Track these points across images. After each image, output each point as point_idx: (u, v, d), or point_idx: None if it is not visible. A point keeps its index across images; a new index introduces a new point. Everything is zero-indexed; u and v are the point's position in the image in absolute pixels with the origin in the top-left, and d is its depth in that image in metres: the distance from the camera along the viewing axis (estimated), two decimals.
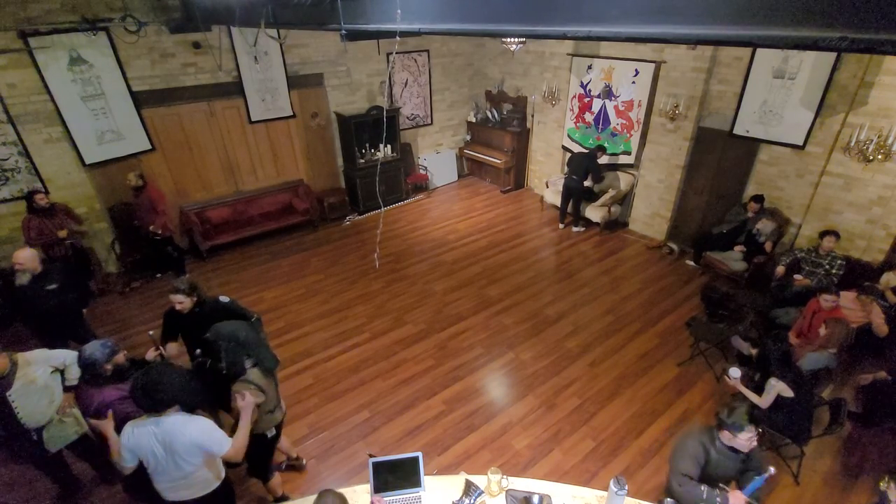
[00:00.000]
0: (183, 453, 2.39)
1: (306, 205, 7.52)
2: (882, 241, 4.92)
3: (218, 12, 4.38)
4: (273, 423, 2.98)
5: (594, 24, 1.41)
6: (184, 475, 2.47)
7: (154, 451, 2.37)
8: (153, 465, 2.41)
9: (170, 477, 2.46)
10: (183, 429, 2.37)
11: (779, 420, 3.51)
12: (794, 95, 5.20)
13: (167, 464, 2.41)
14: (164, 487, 2.51)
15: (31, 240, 5.15)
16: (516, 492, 2.53)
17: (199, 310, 3.38)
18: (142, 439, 2.36)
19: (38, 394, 2.99)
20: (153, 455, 2.38)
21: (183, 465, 2.43)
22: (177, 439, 2.36)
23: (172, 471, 2.43)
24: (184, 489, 2.53)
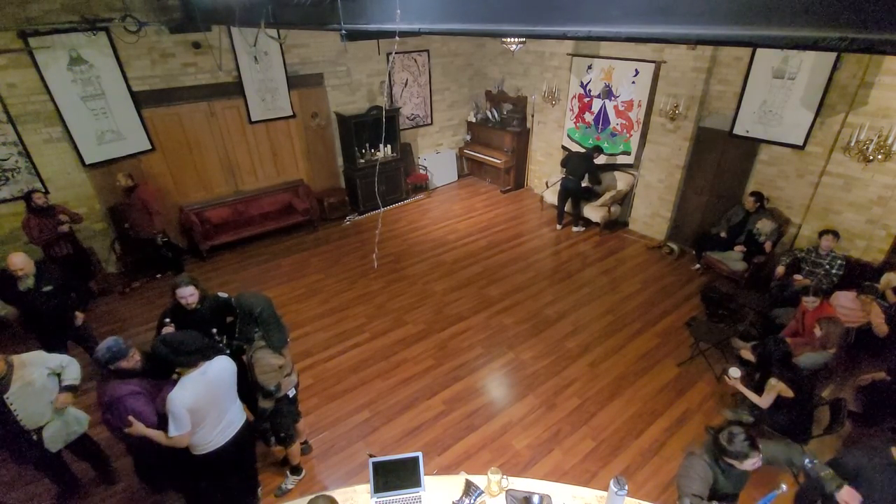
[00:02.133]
0: (233, 384, 2.81)
1: (306, 205, 7.52)
2: (882, 241, 4.92)
3: (218, 12, 4.38)
4: (291, 384, 3.29)
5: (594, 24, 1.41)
6: (227, 410, 2.80)
7: (213, 395, 2.66)
8: (209, 409, 2.66)
9: (224, 416, 2.77)
10: (224, 365, 2.76)
11: (779, 420, 3.52)
12: (794, 95, 5.20)
13: (225, 401, 2.76)
14: (216, 434, 2.75)
15: (35, 239, 5.16)
16: (516, 492, 2.53)
17: (200, 306, 3.37)
18: (201, 390, 2.58)
19: (36, 395, 2.99)
20: (212, 399, 2.66)
21: (231, 394, 2.82)
22: (228, 374, 2.76)
23: (228, 406, 2.79)
24: (234, 422, 2.85)
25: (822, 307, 4.07)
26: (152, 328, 5.38)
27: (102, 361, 2.70)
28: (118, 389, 2.66)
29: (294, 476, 3.63)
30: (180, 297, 3.26)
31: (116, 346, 2.73)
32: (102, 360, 2.70)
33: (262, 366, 2.94)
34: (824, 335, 3.85)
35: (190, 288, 3.28)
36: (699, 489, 2.36)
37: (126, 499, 3.53)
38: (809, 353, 3.97)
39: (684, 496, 2.33)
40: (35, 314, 4.03)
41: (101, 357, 2.69)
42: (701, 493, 2.35)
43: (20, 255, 3.90)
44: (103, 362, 2.70)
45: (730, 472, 2.44)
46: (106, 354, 2.70)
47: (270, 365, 2.95)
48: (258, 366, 2.94)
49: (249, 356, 2.98)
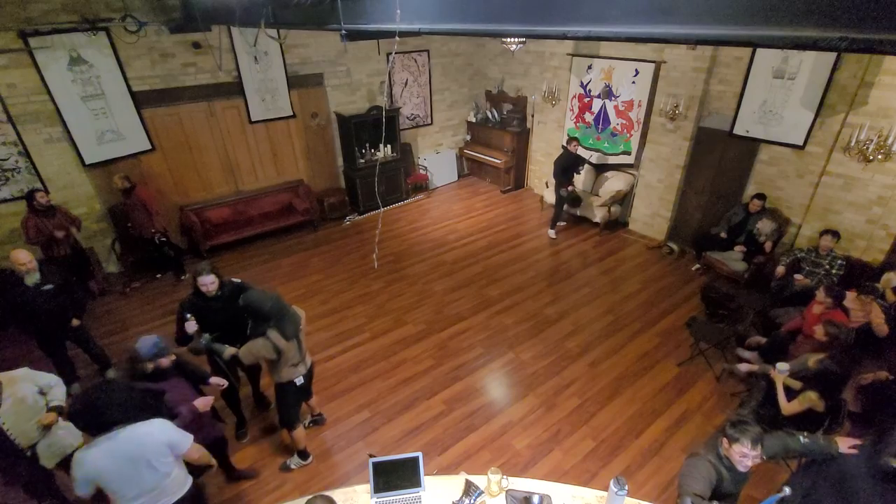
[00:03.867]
0: (154, 457, 2.32)
1: (306, 205, 7.52)
2: (882, 241, 4.92)
3: (218, 12, 4.38)
4: (298, 374, 3.37)
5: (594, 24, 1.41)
6: (158, 482, 2.38)
7: (119, 468, 2.24)
8: (118, 485, 2.28)
9: (142, 490, 2.34)
10: (148, 431, 2.31)
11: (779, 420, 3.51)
12: (794, 95, 5.20)
13: (139, 476, 2.30)
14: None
15: (31, 239, 5.15)
16: (516, 492, 2.53)
17: (220, 292, 3.49)
18: (101, 461, 2.20)
19: (27, 412, 2.90)
20: (118, 474, 2.25)
21: (159, 469, 2.35)
22: (145, 445, 2.29)
23: (146, 481, 2.33)
24: (158, 498, 2.42)
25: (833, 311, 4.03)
26: (152, 328, 5.44)
27: (144, 358, 2.68)
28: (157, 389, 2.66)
29: (300, 459, 3.75)
30: (202, 285, 3.39)
31: (161, 345, 2.74)
32: (144, 357, 2.68)
33: (252, 347, 3.10)
34: (829, 339, 3.78)
35: (211, 276, 3.41)
36: (701, 489, 2.36)
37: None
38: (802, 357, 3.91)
39: (686, 495, 2.33)
40: (34, 314, 4.02)
41: (143, 353, 2.66)
42: (703, 493, 2.35)
43: (23, 251, 3.92)
44: (145, 359, 2.68)
45: (734, 470, 2.44)
46: (153, 350, 2.70)
47: (258, 352, 3.12)
48: (250, 344, 3.10)
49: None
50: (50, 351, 4.40)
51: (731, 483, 2.46)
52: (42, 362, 4.71)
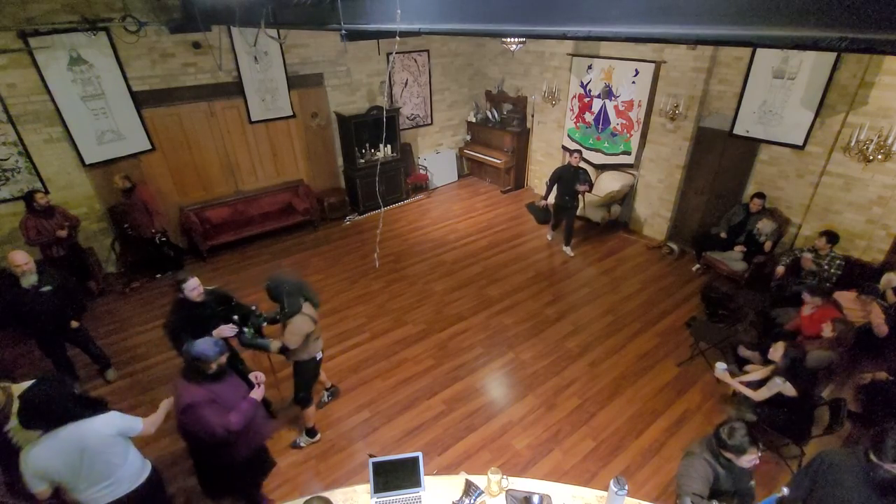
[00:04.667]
0: (104, 449, 2.36)
1: (306, 205, 7.52)
2: (882, 241, 4.92)
3: (218, 12, 4.38)
4: (319, 349, 3.61)
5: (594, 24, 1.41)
6: (111, 472, 2.43)
7: (66, 463, 2.26)
8: (69, 478, 2.31)
9: (96, 482, 2.38)
10: (91, 427, 2.34)
11: (779, 420, 3.52)
12: (794, 95, 5.20)
13: (90, 470, 2.32)
14: (92, 497, 2.40)
15: (31, 239, 5.15)
16: (516, 492, 2.53)
17: (207, 298, 3.48)
18: (46, 458, 2.22)
19: None
20: (69, 468, 2.27)
21: (112, 460, 2.41)
22: (89, 439, 2.31)
23: (99, 474, 2.37)
24: (115, 487, 2.46)
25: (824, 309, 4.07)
26: (152, 328, 5.43)
27: (212, 359, 2.62)
28: (197, 395, 2.59)
29: (308, 437, 3.92)
30: (190, 290, 3.36)
31: (220, 343, 2.70)
32: (212, 358, 2.62)
33: (295, 328, 3.33)
34: (837, 336, 3.85)
35: (195, 280, 3.40)
36: (700, 488, 2.36)
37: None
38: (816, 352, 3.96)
39: (684, 495, 2.33)
40: (33, 315, 4.02)
41: (212, 355, 2.61)
42: (701, 493, 2.35)
43: (21, 252, 3.91)
44: (212, 360, 2.62)
45: (731, 468, 2.44)
46: (217, 350, 2.65)
47: (301, 330, 3.36)
48: (293, 326, 3.32)
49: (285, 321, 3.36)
50: (49, 351, 4.40)
51: (727, 481, 2.46)
52: (42, 363, 4.73)
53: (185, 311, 3.41)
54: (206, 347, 2.64)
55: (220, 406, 2.66)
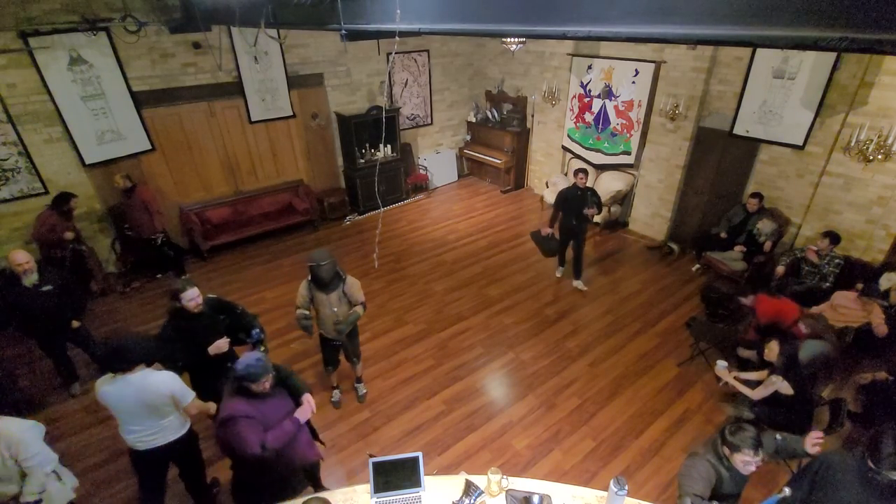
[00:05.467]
0: (156, 402, 2.76)
1: (306, 205, 7.52)
2: (882, 241, 4.92)
3: (218, 12, 4.38)
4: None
5: (594, 24, 1.41)
6: (156, 422, 2.82)
7: (127, 406, 2.71)
8: (126, 418, 2.76)
9: (143, 426, 2.80)
10: (154, 380, 2.75)
11: (779, 419, 3.52)
12: (794, 95, 5.20)
13: (141, 415, 2.76)
14: (135, 438, 2.83)
15: (40, 234, 5.21)
16: (516, 492, 2.53)
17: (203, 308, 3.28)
18: (113, 395, 2.68)
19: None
20: (126, 410, 2.72)
21: (159, 414, 2.81)
22: (150, 392, 2.72)
23: (147, 419, 2.79)
24: (158, 435, 2.86)
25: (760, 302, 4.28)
26: (152, 328, 5.43)
27: (245, 378, 2.49)
28: (237, 409, 2.49)
29: (361, 384, 4.46)
30: (188, 301, 3.13)
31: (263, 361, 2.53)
32: (246, 377, 2.49)
33: (358, 284, 3.81)
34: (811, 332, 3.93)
35: (195, 290, 3.18)
36: (701, 489, 2.36)
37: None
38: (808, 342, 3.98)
39: (685, 496, 2.33)
40: (33, 315, 4.02)
41: (244, 374, 2.48)
42: (702, 494, 2.35)
43: (22, 251, 3.91)
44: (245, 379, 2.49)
45: (733, 471, 2.44)
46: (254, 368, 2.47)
47: (360, 296, 3.80)
48: (355, 283, 3.79)
49: (342, 287, 3.72)
50: (50, 351, 4.41)
51: (730, 483, 2.46)
52: (42, 362, 4.74)
53: (180, 322, 3.20)
54: (252, 366, 2.47)
55: (260, 422, 2.53)
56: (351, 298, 3.80)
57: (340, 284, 3.73)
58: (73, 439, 4.05)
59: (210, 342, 3.28)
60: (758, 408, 3.64)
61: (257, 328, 3.48)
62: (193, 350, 3.23)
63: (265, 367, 2.51)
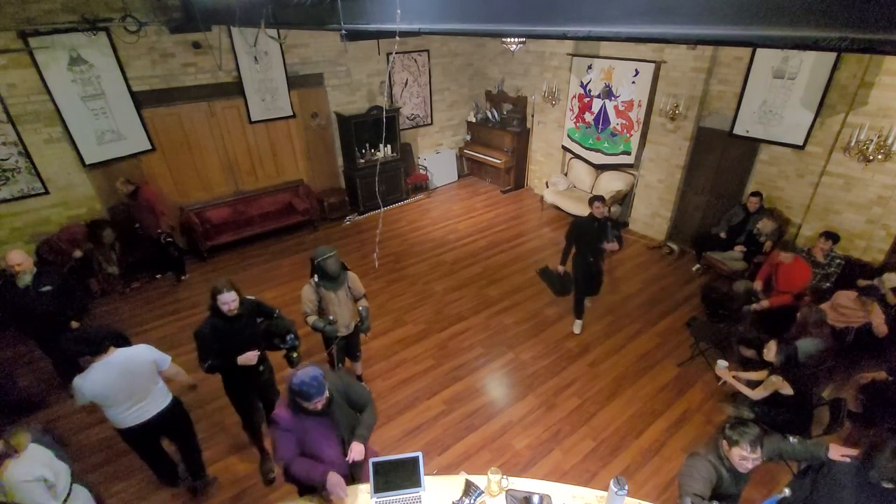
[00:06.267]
0: (143, 371, 2.98)
1: (306, 205, 7.52)
2: (882, 241, 4.92)
3: (218, 12, 4.38)
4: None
5: (594, 24, 1.41)
6: (146, 394, 3.03)
7: (116, 386, 2.85)
8: (115, 399, 2.89)
9: (131, 401, 2.96)
10: (133, 351, 2.98)
11: (777, 418, 3.52)
12: (794, 95, 5.20)
13: (133, 385, 2.94)
14: (126, 416, 2.98)
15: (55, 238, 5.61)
16: (516, 492, 2.53)
17: (241, 311, 3.18)
18: (101, 380, 2.80)
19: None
20: (115, 391, 2.87)
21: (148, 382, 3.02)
22: (134, 361, 2.94)
23: (139, 389, 2.98)
24: (148, 407, 3.06)
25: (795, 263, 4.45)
26: (152, 328, 5.44)
27: (298, 394, 2.34)
28: (283, 418, 2.44)
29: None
30: (224, 304, 3.06)
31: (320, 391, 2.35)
32: (300, 394, 2.34)
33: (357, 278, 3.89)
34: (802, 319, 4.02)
35: (233, 293, 3.08)
36: (701, 489, 2.36)
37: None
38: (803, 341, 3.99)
39: (685, 495, 2.33)
40: (32, 315, 4.01)
41: (299, 390, 2.33)
42: (703, 493, 2.35)
43: (18, 252, 3.88)
44: (299, 395, 2.35)
45: (734, 470, 2.44)
46: (307, 387, 2.31)
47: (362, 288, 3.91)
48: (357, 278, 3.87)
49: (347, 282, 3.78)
50: (49, 351, 4.40)
51: (731, 483, 2.46)
52: (42, 362, 4.74)
53: (217, 322, 3.15)
54: (307, 384, 2.31)
55: (298, 439, 2.46)
56: (355, 292, 3.89)
57: (346, 279, 3.78)
58: (72, 439, 4.05)
59: (243, 347, 3.19)
60: (758, 408, 3.64)
61: (292, 333, 3.42)
62: (225, 352, 3.17)
63: (320, 389, 2.34)
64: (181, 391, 3.43)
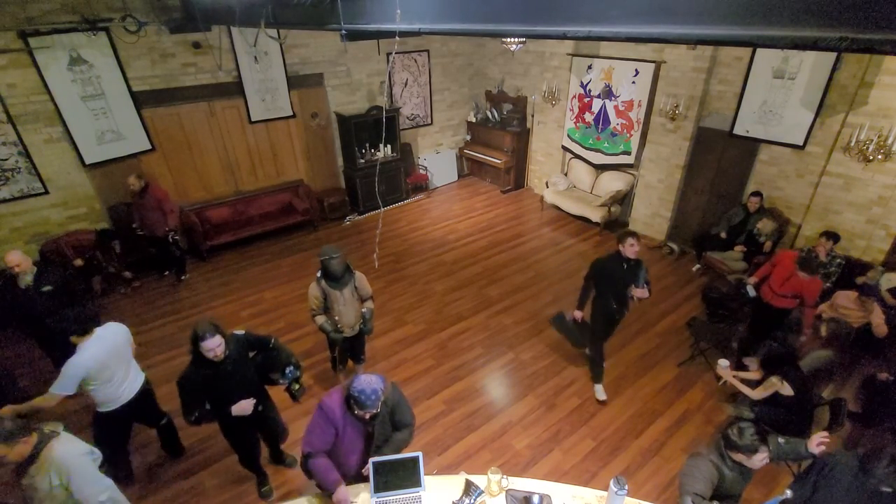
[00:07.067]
0: (124, 342, 3.23)
1: (306, 205, 7.52)
2: (882, 241, 4.92)
3: (218, 12, 4.38)
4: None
5: (594, 24, 1.41)
6: (130, 364, 3.27)
7: (110, 354, 3.06)
8: (113, 368, 3.09)
9: (118, 377, 3.15)
10: (112, 328, 3.20)
11: (777, 417, 3.52)
12: (794, 95, 5.20)
13: (124, 359, 3.19)
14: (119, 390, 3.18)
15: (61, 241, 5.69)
16: (516, 492, 2.53)
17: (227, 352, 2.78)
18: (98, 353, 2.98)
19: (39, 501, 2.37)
20: (112, 358, 3.08)
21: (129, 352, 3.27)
22: (119, 335, 3.20)
23: (124, 366, 3.19)
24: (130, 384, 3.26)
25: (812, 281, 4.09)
26: (152, 328, 5.44)
27: (355, 399, 2.32)
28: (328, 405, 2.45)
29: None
30: (207, 351, 2.65)
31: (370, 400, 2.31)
32: (357, 399, 2.31)
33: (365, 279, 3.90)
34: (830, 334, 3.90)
35: (217, 338, 2.66)
36: (702, 489, 2.36)
37: None
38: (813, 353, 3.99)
39: (686, 495, 2.33)
40: (32, 315, 4.01)
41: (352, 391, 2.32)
42: (703, 493, 2.35)
43: (16, 252, 3.88)
44: (355, 400, 2.32)
45: (738, 470, 2.44)
46: (364, 396, 2.29)
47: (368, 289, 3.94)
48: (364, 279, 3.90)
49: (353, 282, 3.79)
50: (49, 351, 4.40)
51: (732, 482, 2.46)
52: (42, 362, 4.73)
53: (203, 371, 2.75)
54: (364, 393, 2.28)
55: (333, 433, 2.45)
56: (361, 293, 3.90)
57: (352, 279, 3.79)
58: None
59: (235, 392, 2.89)
60: (758, 407, 3.64)
61: (292, 365, 3.13)
62: (215, 401, 2.86)
63: (375, 403, 2.30)
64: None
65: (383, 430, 2.60)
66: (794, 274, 3.95)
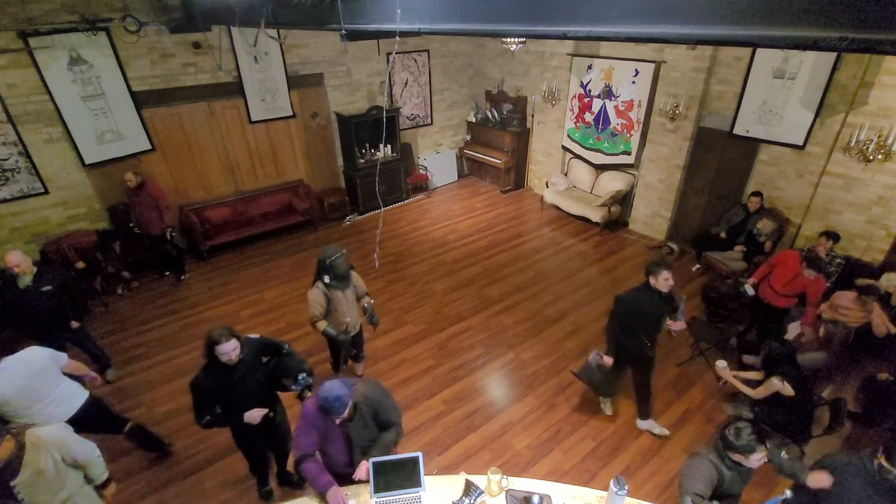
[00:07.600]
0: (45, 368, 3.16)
1: (306, 205, 7.52)
2: (882, 241, 4.92)
3: (218, 12, 4.38)
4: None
5: (594, 24, 1.41)
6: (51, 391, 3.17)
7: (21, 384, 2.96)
8: (24, 398, 2.99)
9: (42, 399, 3.10)
10: (30, 351, 3.13)
11: (777, 418, 3.52)
12: (794, 95, 5.20)
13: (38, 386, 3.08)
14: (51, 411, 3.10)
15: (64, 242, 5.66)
16: (516, 492, 2.53)
17: (242, 356, 2.78)
18: (9, 380, 2.91)
19: (47, 484, 2.41)
20: (22, 389, 2.97)
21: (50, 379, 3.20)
22: (33, 361, 3.10)
23: (45, 390, 3.12)
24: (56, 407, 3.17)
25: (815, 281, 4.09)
26: (152, 328, 5.43)
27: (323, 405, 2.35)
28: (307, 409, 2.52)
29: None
30: (222, 354, 2.66)
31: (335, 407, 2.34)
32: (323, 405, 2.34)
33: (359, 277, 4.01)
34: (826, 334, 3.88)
35: (232, 342, 2.67)
36: (701, 489, 2.36)
37: None
38: (808, 354, 3.99)
39: (685, 494, 2.33)
40: (31, 315, 4.00)
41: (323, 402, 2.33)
42: (703, 493, 2.35)
43: (16, 252, 3.87)
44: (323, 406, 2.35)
45: (737, 470, 2.44)
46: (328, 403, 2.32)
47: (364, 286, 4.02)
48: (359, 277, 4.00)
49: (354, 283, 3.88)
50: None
51: (731, 482, 2.46)
52: None
53: (217, 376, 2.76)
54: (328, 400, 2.32)
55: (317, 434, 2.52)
56: (359, 291, 4.01)
57: (351, 278, 3.84)
58: None
59: (247, 398, 2.88)
60: (758, 408, 3.64)
61: (304, 372, 3.09)
62: (228, 406, 2.87)
63: (340, 409, 2.34)
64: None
65: (366, 431, 2.60)
66: (799, 273, 3.99)
